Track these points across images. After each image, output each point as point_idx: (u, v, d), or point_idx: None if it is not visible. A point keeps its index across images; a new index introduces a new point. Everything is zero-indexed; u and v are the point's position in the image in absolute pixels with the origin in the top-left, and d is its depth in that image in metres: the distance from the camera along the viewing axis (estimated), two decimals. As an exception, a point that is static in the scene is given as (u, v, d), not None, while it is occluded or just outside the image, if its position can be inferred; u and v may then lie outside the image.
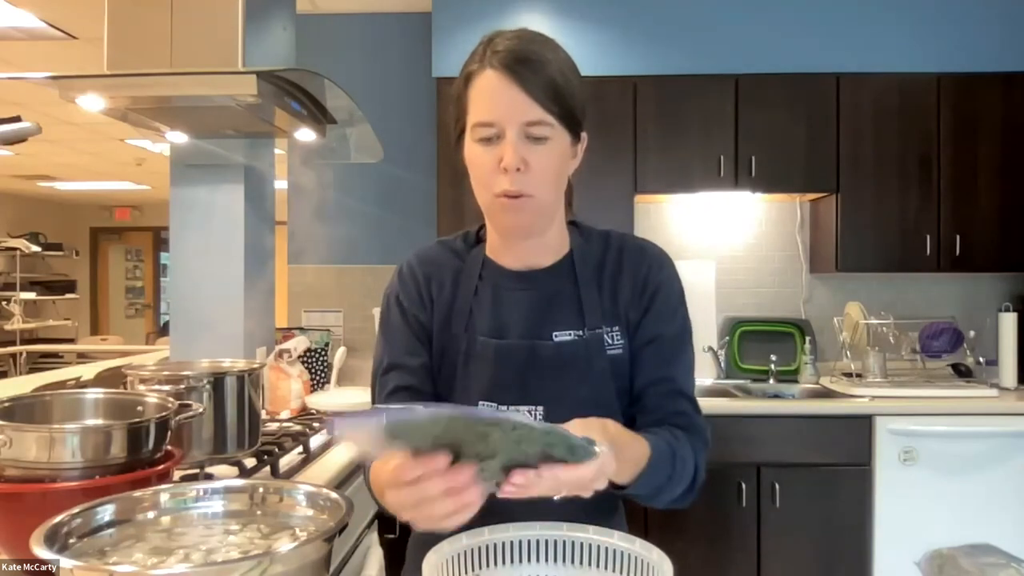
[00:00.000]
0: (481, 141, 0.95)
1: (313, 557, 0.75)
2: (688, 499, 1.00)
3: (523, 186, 0.94)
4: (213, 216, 2.28)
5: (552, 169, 0.96)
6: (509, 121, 0.93)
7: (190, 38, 1.73)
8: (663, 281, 1.06)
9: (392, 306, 1.09)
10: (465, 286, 1.06)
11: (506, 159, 0.93)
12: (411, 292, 1.08)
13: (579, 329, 1.03)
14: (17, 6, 3.09)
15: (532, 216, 0.98)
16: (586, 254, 1.07)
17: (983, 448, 2.71)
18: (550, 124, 0.94)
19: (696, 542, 2.70)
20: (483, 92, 0.94)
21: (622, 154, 3.07)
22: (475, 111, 0.95)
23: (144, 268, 10.23)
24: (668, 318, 1.06)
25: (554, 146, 0.95)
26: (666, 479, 0.94)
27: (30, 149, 6.07)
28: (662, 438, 0.95)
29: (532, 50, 0.95)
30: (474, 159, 0.97)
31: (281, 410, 2.29)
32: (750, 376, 3.28)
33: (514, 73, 0.92)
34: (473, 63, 0.97)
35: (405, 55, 3.41)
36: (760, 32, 3.07)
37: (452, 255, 1.10)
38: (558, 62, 0.96)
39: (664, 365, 1.04)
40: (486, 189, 0.96)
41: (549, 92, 0.93)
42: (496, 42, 0.96)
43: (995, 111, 3.05)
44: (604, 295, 1.05)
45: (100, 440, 1.07)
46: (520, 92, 0.92)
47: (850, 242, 3.08)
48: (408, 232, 3.37)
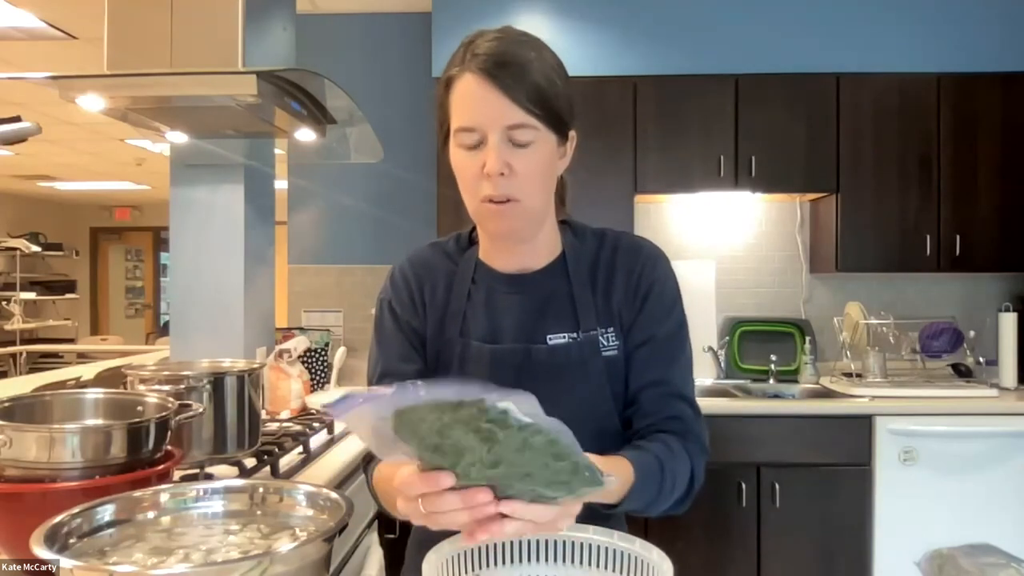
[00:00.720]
0: (464, 146, 0.93)
1: (313, 557, 0.75)
2: (684, 506, 0.99)
3: (508, 190, 0.92)
4: (213, 216, 2.28)
5: (537, 172, 0.94)
6: (490, 126, 0.91)
7: (190, 38, 1.73)
8: (656, 280, 1.04)
9: (385, 312, 1.08)
10: (458, 290, 1.05)
11: (488, 165, 0.91)
12: (403, 298, 1.07)
13: (573, 331, 1.02)
14: (17, 6, 3.09)
15: (519, 221, 0.96)
16: (579, 254, 1.06)
17: (983, 448, 2.71)
18: (533, 127, 0.92)
19: (696, 542, 2.70)
20: (463, 97, 0.93)
21: (622, 154, 3.07)
22: (457, 116, 0.94)
23: (144, 268, 10.23)
24: (662, 318, 1.04)
25: (538, 149, 0.94)
26: (655, 494, 0.93)
27: (30, 149, 6.07)
28: (650, 453, 0.94)
29: (512, 52, 0.92)
30: (458, 165, 0.95)
31: (281, 410, 2.28)
32: (750, 376, 3.28)
33: (493, 78, 0.90)
34: (453, 67, 0.95)
35: (405, 55, 3.41)
36: (760, 32, 3.07)
37: (445, 258, 1.09)
38: (540, 62, 0.94)
39: (660, 367, 1.03)
40: (472, 195, 0.95)
41: (531, 94, 0.91)
42: (476, 44, 0.93)
43: (995, 111, 3.05)
44: (598, 295, 1.04)
45: (100, 440, 1.07)
46: (501, 96, 0.90)
47: (850, 242, 3.08)
48: (408, 232, 3.37)
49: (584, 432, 1.00)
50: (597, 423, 1.01)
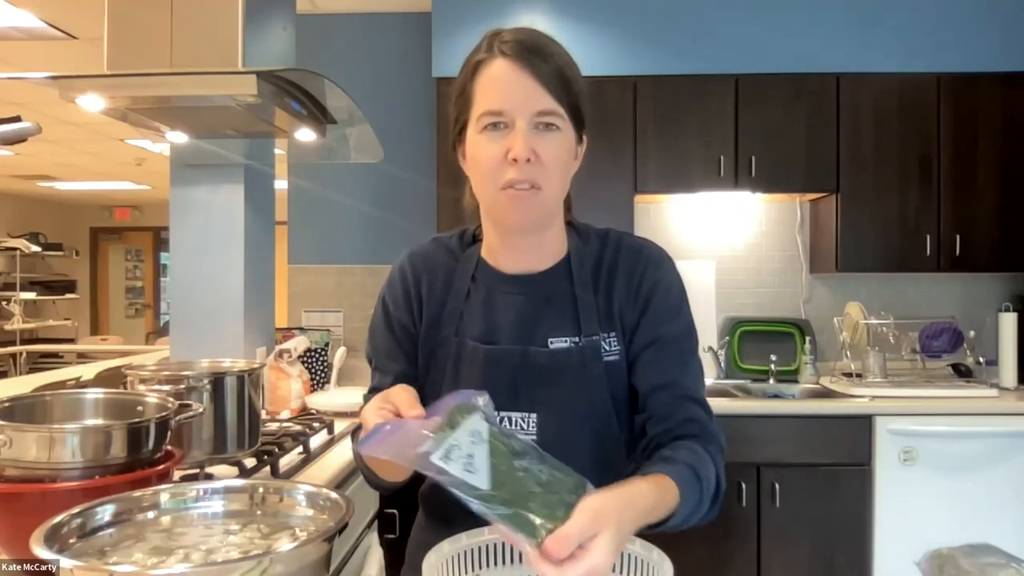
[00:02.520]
0: (487, 131, 0.92)
1: (313, 557, 0.75)
2: (714, 511, 0.96)
3: (532, 175, 0.92)
4: (213, 216, 2.28)
5: (560, 162, 0.94)
6: (520, 110, 0.91)
7: (190, 38, 1.73)
8: (660, 280, 1.02)
9: (379, 307, 1.09)
10: (457, 287, 1.04)
11: (515, 149, 0.90)
12: (398, 295, 1.07)
13: (575, 335, 1.00)
14: (17, 6, 3.09)
15: (538, 212, 0.95)
16: (583, 256, 1.04)
17: (983, 448, 2.71)
18: (560, 115, 0.93)
19: (696, 542, 2.69)
20: (493, 81, 0.93)
21: (622, 154, 3.07)
22: (483, 100, 0.93)
23: (144, 268, 10.23)
24: (669, 318, 1.02)
25: (563, 138, 0.94)
26: (696, 503, 0.90)
27: (30, 149, 6.07)
28: (682, 463, 0.90)
29: (542, 42, 0.94)
30: (479, 151, 0.94)
31: (281, 410, 2.29)
32: (750, 376, 3.28)
33: (526, 61, 0.91)
34: (480, 53, 0.95)
35: (405, 55, 3.41)
36: (760, 32, 3.07)
37: (447, 254, 1.08)
38: (564, 56, 0.96)
39: (670, 369, 1.00)
40: (492, 182, 0.93)
41: (560, 82, 0.92)
42: (503, 34, 0.95)
43: (995, 111, 3.04)
44: (600, 298, 1.02)
45: (100, 440, 1.07)
46: (532, 80, 0.91)
47: (850, 242, 3.08)
48: (408, 232, 3.37)
49: (583, 436, 0.99)
50: (596, 427, 1.01)
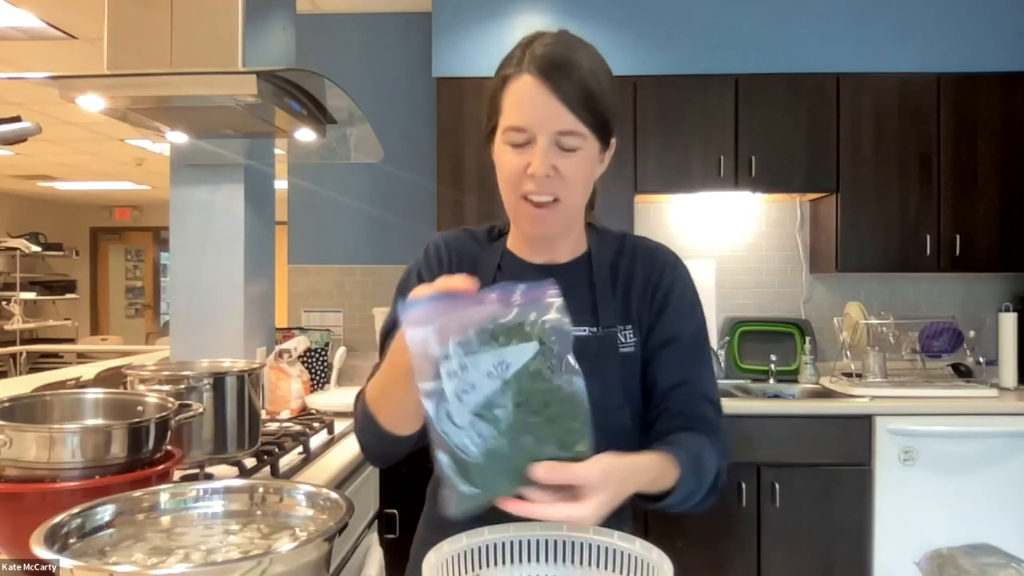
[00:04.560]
0: (511, 144, 0.96)
1: (313, 557, 0.75)
2: (710, 501, 1.00)
3: (552, 189, 0.95)
4: (213, 216, 2.28)
5: (580, 177, 0.97)
6: (541, 129, 0.93)
7: (190, 38, 1.73)
8: (675, 282, 1.07)
9: (412, 277, 1.10)
10: (483, 276, 1.07)
11: (534, 166, 0.93)
12: (433, 266, 1.09)
13: (593, 326, 1.04)
14: (17, 6, 3.09)
15: (557, 225, 1.00)
16: (602, 254, 1.09)
17: (983, 448, 2.71)
18: (582, 135, 0.94)
19: (696, 542, 2.69)
20: (518, 97, 0.94)
21: (622, 154, 3.05)
22: (508, 115, 0.96)
23: (144, 268, 10.23)
24: (685, 318, 1.06)
25: (584, 155, 0.96)
26: (696, 485, 0.94)
27: (30, 149, 6.07)
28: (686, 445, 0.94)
29: (570, 57, 0.94)
30: (503, 161, 0.97)
31: (281, 410, 2.28)
32: (750, 376, 3.28)
33: (551, 80, 0.92)
34: (510, 66, 0.96)
35: (405, 55, 3.41)
36: (760, 32, 3.07)
37: (475, 243, 1.12)
38: (594, 68, 0.96)
39: (686, 367, 1.05)
40: (513, 191, 0.97)
41: (585, 102, 0.93)
42: (535, 46, 0.95)
43: (995, 111, 3.05)
44: (617, 295, 1.06)
45: (100, 440, 1.07)
46: (555, 100, 0.92)
47: (850, 242, 3.08)
48: (408, 232, 3.37)
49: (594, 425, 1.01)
50: (607, 417, 1.01)
